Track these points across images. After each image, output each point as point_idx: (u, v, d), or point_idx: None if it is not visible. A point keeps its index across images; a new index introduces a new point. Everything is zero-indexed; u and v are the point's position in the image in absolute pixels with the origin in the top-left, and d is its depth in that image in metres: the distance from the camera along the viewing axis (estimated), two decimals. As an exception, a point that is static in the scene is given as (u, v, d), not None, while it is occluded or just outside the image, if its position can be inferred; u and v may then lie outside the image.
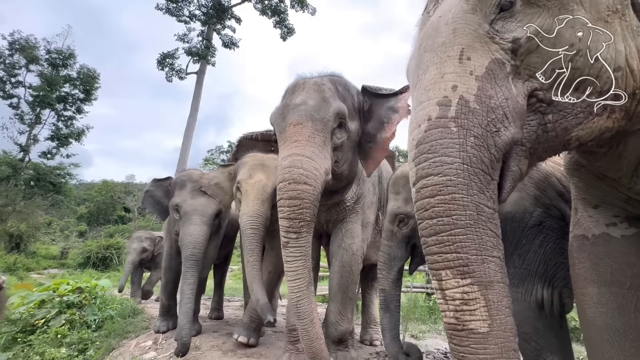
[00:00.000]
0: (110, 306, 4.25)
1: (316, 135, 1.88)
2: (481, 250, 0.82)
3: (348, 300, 2.38)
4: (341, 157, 2.09)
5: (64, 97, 17.97)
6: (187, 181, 3.26)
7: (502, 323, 0.79)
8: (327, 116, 1.95)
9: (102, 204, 29.42)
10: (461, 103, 0.88)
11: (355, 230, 2.44)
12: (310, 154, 1.80)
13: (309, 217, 1.76)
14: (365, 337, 3.39)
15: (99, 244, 17.73)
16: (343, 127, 2.05)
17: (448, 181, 0.84)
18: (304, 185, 1.73)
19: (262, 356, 2.54)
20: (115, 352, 3.16)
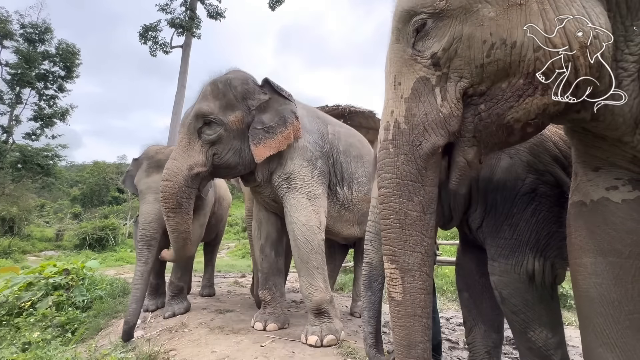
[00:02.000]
0: (99, 286, 4.20)
1: (183, 138, 2.36)
2: (405, 246, 1.08)
3: (315, 270, 2.34)
4: (222, 148, 2.38)
5: (44, 74, 17.13)
6: (144, 158, 3.13)
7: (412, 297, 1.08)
8: (188, 120, 2.37)
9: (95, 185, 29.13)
10: (395, 126, 1.08)
11: (300, 203, 2.45)
12: (174, 156, 2.33)
13: (173, 205, 2.29)
14: (356, 309, 3.40)
15: (94, 225, 17.68)
16: (212, 123, 2.33)
17: (388, 192, 1.09)
18: (166, 182, 2.27)
19: (249, 332, 2.50)
20: (104, 332, 3.13)
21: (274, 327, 2.56)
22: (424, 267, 1.08)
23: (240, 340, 2.29)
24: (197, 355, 2.05)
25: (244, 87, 2.46)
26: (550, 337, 1.30)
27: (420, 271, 1.07)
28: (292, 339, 2.34)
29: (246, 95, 2.45)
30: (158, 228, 2.86)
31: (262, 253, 2.77)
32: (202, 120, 2.33)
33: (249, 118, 2.43)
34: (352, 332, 2.68)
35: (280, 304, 2.71)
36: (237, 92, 2.42)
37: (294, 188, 2.49)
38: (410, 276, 1.07)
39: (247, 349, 2.10)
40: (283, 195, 2.51)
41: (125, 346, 2.43)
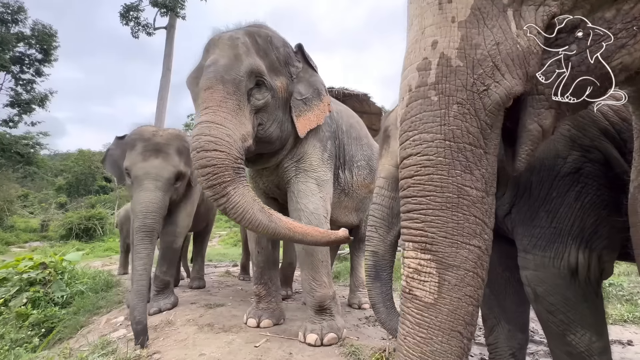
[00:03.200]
0: (80, 280, 3.94)
1: (228, 99, 1.77)
2: (454, 235, 0.79)
3: (319, 264, 2.15)
4: (267, 118, 1.98)
5: (19, 57, 16.20)
6: (138, 140, 2.79)
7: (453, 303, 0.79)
8: (239, 76, 1.82)
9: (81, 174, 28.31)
10: (442, 63, 0.78)
11: (309, 190, 2.22)
12: (220, 120, 1.71)
13: (230, 176, 1.66)
14: (354, 300, 3.24)
15: (80, 215, 17.22)
16: (263, 85, 1.92)
17: (427, 161, 0.80)
18: (214, 152, 1.65)
19: (242, 329, 2.30)
20: (85, 330, 2.90)
21: (268, 324, 2.37)
22: (479, 269, 0.80)
23: (231, 340, 2.09)
24: (184, 359, 1.84)
25: (286, 50, 2.14)
26: (595, 340, 1.13)
27: (473, 272, 0.79)
28: (289, 337, 2.15)
29: (287, 61, 2.14)
30: (160, 218, 2.64)
31: (258, 245, 2.53)
32: (255, 80, 1.89)
33: (292, 87, 2.14)
34: (352, 327, 2.51)
35: (275, 299, 2.52)
36: (280, 55, 2.08)
37: (303, 171, 2.26)
38: (454, 275, 0.79)
39: (239, 351, 1.90)
40: (290, 179, 2.27)
41: (105, 347, 2.20)
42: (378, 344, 2.13)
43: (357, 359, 1.80)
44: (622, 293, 3.75)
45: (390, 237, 1.47)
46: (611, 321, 3.01)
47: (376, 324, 2.67)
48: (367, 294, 3.26)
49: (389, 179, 1.50)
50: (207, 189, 1.65)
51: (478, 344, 2.32)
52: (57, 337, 2.86)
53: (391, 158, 1.51)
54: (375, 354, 1.82)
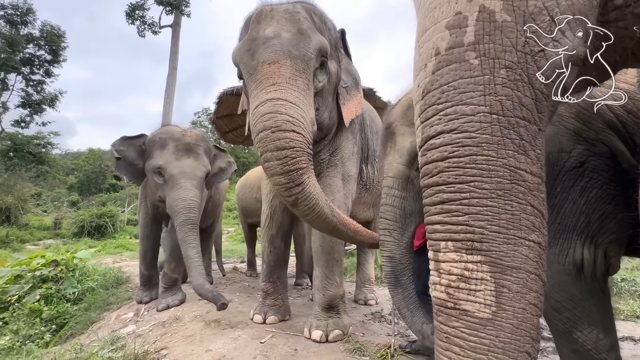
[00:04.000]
0: (91, 277, 4.03)
1: (298, 76, 1.58)
2: (509, 229, 0.65)
3: (334, 263, 2.13)
4: (322, 103, 1.82)
5: (29, 59, 16.46)
6: (169, 139, 2.83)
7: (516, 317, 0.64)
8: (309, 53, 1.64)
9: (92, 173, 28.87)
10: (482, 18, 0.63)
11: (335, 185, 2.15)
12: (293, 99, 1.51)
13: (305, 162, 1.48)
14: (360, 296, 3.24)
15: (92, 212, 17.55)
16: (324, 67, 1.77)
17: (466, 139, 0.65)
18: (292, 132, 1.45)
19: (248, 326, 2.32)
20: (95, 326, 2.96)
21: (274, 320, 2.38)
22: (541, 270, 0.67)
23: (238, 335, 2.10)
24: (190, 355, 1.86)
25: (336, 34, 2.01)
26: (602, 337, 1.10)
27: (535, 274, 0.66)
28: (295, 333, 2.16)
29: (337, 44, 2.00)
30: (200, 213, 2.74)
31: (271, 245, 2.49)
32: (321, 60, 1.73)
33: (340, 73, 2.00)
34: (358, 323, 2.51)
35: (282, 295, 2.53)
36: (332, 37, 1.92)
37: (333, 165, 2.18)
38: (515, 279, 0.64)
39: (245, 347, 1.92)
40: (321, 173, 2.15)
41: (115, 343, 2.25)
42: (383, 340, 2.12)
43: (362, 355, 1.80)
44: (635, 288, 3.66)
45: (405, 239, 1.44)
46: (623, 317, 2.94)
47: (382, 320, 2.66)
48: (373, 290, 3.31)
49: (398, 177, 1.45)
50: (280, 175, 1.45)
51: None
52: (69, 332, 2.93)
53: (399, 155, 1.46)
54: (380, 350, 1.82)
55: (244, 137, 5.21)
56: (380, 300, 3.30)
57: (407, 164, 1.44)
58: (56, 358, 1.78)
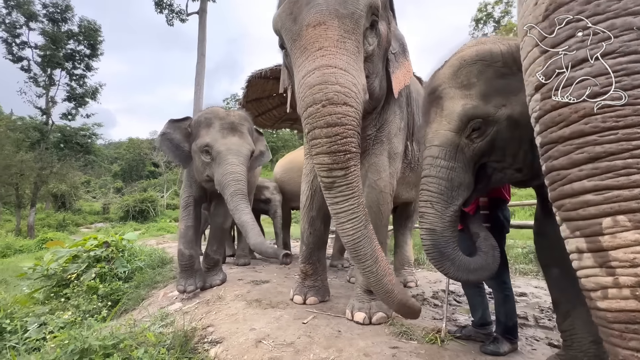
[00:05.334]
0: (138, 258, 4.28)
1: (347, 38, 1.39)
2: None
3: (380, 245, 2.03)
4: (372, 70, 1.59)
5: (71, 54, 17.48)
6: (214, 119, 2.85)
7: None
8: (359, 10, 1.43)
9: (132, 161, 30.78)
10: None
11: (381, 164, 2.01)
12: (343, 64, 1.34)
13: (355, 147, 1.35)
14: (399, 279, 3.14)
15: (135, 198, 18.81)
16: (374, 28, 1.54)
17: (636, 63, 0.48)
18: (344, 106, 1.30)
19: (289, 306, 2.33)
20: (145, 302, 3.15)
21: (314, 301, 2.37)
22: None
23: (279, 315, 2.11)
24: (236, 333, 1.90)
25: None
26: None
27: None
28: (336, 314, 2.14)
29: (386, 3, 1.77)
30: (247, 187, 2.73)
31: (311, 226, 2.44)
32: (372, 18, 1.54)
33: (390, 37, 1.78)
34: (400, 305, 2.43)
35: (322, 277, 2.50)
36: None
37: (380, 142, 2.03)
38: None
39: (288, 327, 1.92)
40: (366, 150, 2.01)
41: (164, 319, 2.36)
42: (429, 324, 2.04)
43: (410, 339, 1.73)
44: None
45: (450, 212, 1.30)
46: None
47: (424, 303, 2.57)
48: (412, 272, 3.21)
49: (446, 146, 1.29)
50: (326, 154, 1.32)
51: (542, 327, 2.14)
52: (123, 308, 3.14)
53: (447, 122, 1.29)
54: (429, 335, 1.74)
55: (273, 120, 5.20)
56: (420, 282, 3.20)
57: (457, 130, 1.28)
58: (113, 332, 1.88)
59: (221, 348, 1.76)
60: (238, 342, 1.79)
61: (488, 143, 1.26)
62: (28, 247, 10.24)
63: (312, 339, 1.76)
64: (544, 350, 1.74)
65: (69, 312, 2.51)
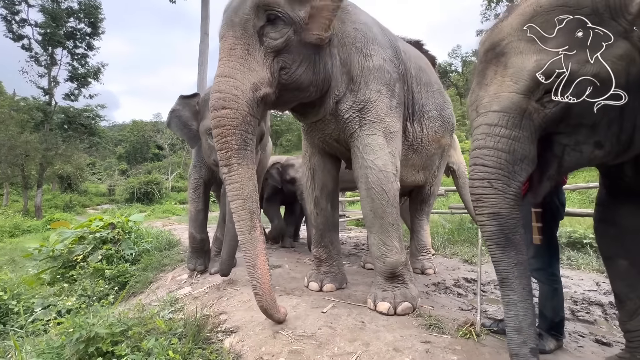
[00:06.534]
0: (145, 240, 4.19)
1: (236, 45, 1.58)
2: None
3: (390, 227, 1.90)
4: (292, 60, 1.68)
5: (72, 32, 17.02)
6: None
7: None
8: (245, 15, 1.59)
9: (137, 143, 30.73)
10: None
11: (376, 144, 1.91)
12: (229, 71, 1.56)
13: (237, 144, 1.54)
14: (417, 265, 3.01)
15: (140, 180, 18.84)
16: (279, 20, 1.61)
17: None
18: (223, 110, 1.53)
19: (304, 293, 2.21)
20: (154, 286, 3.06)
21: (331, 288, 2.24)
22: None
23: (296, 303, 1.99)
24: (251, 322, 1.77)
25: None
26: None
27: None
28: (356, 303, 2.01)
29: None
30: None
31: (316, 207, 2.34)
32: (266, 16, 1.61)
33: None
34: (422, 294, 2.30)
35: (337, 262, 2.37)
36: None
37: (369, 123, 1.93)
38: None
39: (307, 316, 1.79)
40: (354, 132, 1.96)
41: (174, 304, 2.25)
42: (457, 315, 1.90)
43: (442, 332, 1.59)
44: None
45: (512, 190, 1.08)
46: None
47: (447, 292, 2.44)
48: (430, 258, 3.07)
49: (509, 111, 1.06)
50: (218, 151, 1.57)
51: (583, 321, 1.99)
52: (130, 291, 3.05)
53: (513, 82, 1.05)
54: (462, 328, 1.60)
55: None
56: (438, 269, 3.06)
57: (526, 92, 1.04)
58: (121, 318, 1.77)
59: (236, 338, 1.64)
60: (254, 332, 1.66)
61: (563, 109, 1.02)
62: (36, 227, 10.30)
63: (335, 330, 1.63)
64: (592, 347, 1.59)
65: (72, 298, 2.41)
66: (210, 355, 1.48)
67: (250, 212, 1.55)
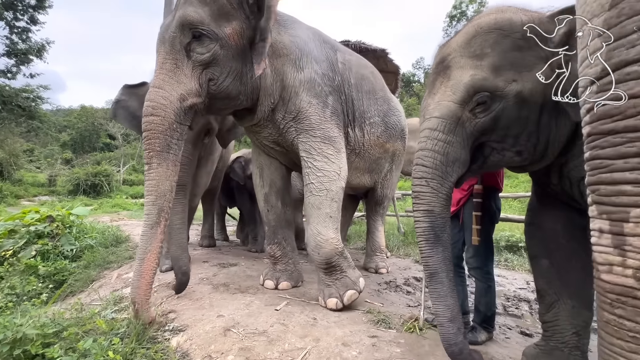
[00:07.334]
0: (89, 235, 3.88)
1: (167, 59, 1.76)
2: None
3: (327, 218, 1.97)
4: (220, 72, 1.83)
5: (12, 3, 15.20)
6: None
7: None
8: (172, 33, 1.75)
9: (85, 130, 28.18)
10: None
11: (314, 148, 2.03)
12: (159, 83, 1.74)
13: (160, 147, 1.69)
14: (370, 264, 3.14)
15: (87, 171, 17.30)
16: (204, 37, 1.76)
17: None
18: (151, 117, 1.70)
19: (259, 291, 2.19)
20: (96, 284, 2.84)
21: (287, 286, 2.26)
22: None
23: (250, 301, 1.98)
24: (201, 320, 1.73)
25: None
26: None
27: None
28: (310, 300, 2.04)
29: (242, 4, 1.84)
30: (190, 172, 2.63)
31: (267, 203, 2.39)
32: (191, 33, 1.74)
33: (250, 31, 1.86)
34: (374, 292, 2.41)
35: (293, 260, 2.39)
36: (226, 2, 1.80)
37: (304, 131, 2.04)
38: None
39: (259, 313, 1.79)
40: (294, 139, 2.10)
41: (117, 303, 2.12)
42: (404, 311, 2.01)
43: (388, 327, 1.68)
44: None
45: (445, 189, 1.22)
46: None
47: (398, 290, 2.56)
48: (384, 258, 3.20)
49: (447, 118, 1.21)
50: (144, 151, 1.72)
51: (512, 316, 2.20)
52: (68, 290, 2.81)
53: (452, 92, 1.20)
54: (407, 323, 1.70)
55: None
56: (391, 269, 3.21)
57: (462, 102, 1.19)
58: (55, 318, 1.63)
59: (184, 337, 1.60)
60: (204, 330, 1.63)
61: (491, 120, 1.18)
62: (-45, 219, 9.03)
63: (287, 327, 1.64)
64: (518, 338, 1.78)
65: None
66: (155, 355, 1.43)
67: (159, 209, 1.68)
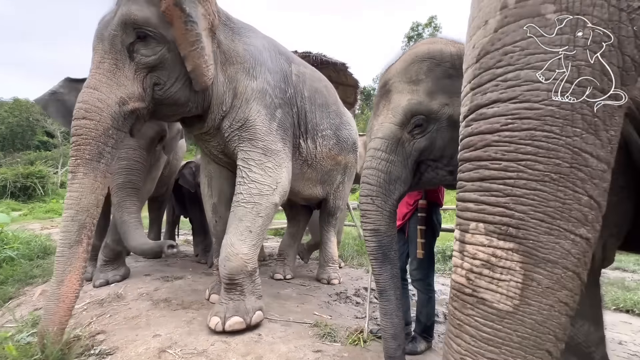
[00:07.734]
0: (10, 246, 3.43)
1: (105, 59, 1.63)
2: (555, 219, 0.60)
3: (246, 232, 1.85)
4: (166, 76, 1.73)
5: None
6: None
7: (542, 314, 0.61)
8: (112, 30, 1.63)
9: (17, 126, 25.24)
10: None
11: (253, 159, 1.98)
12: (94, 83, 1.60)
13: (90, 155, 1.55)
14: (323, 275, 3.14)
15: (17, 171, 15.44)
16: (150, 38, 1.66)
17: (527, 110, 0.61)
18: (83, 120, 1.56)
19: (203, 306, 2.09)
20: (13, 302, 2.50)
21: (234, 300, 2.16)
22: (582, 268, 0.63)
23: (192, 318, 1.87)
24: (134, 342, 1.59)
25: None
26: (593, 331, 1.07)
27: (574, 272, 0.62)
28: (257, 315, 1.97)
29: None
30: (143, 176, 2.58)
31: (215, 214, 2.31)
32: (134, 33, 1.63)
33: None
34: (323, 304, 2.40)
35: (242, 274, 2.30)
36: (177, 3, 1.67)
37: (247, 140, 1.98)
38: (548, 273, 0.61)
39: (200, 331, 1.70)
40: (235, 148, 2.02)
41: (36, 325, 1.88)
42: (352, 323, 2.03)
43: (333, 340, 1.68)
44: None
45: (389, 207, 1.30)
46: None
47: (347, 301, 2.59)
48: (336, 269, 3.23)
49: (388, 139, 1.30)
50: (70, 158, 1.57)
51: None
52: (-23, 310, 2.44)
53: (392, 115, 1.30)
54: (352, 335, 1.72)
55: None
56: (343, 280, 3.24)
57: (401, 124, 1.30)
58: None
59: (112, 361, 1.45)
60: (136, 352, 1.50)
61: (427, 140, 1.29)
62: None
63: (229, 345, 1.57)
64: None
65: None
66: (74, 384, 1.28)
67: (80, 225, 1.52)
